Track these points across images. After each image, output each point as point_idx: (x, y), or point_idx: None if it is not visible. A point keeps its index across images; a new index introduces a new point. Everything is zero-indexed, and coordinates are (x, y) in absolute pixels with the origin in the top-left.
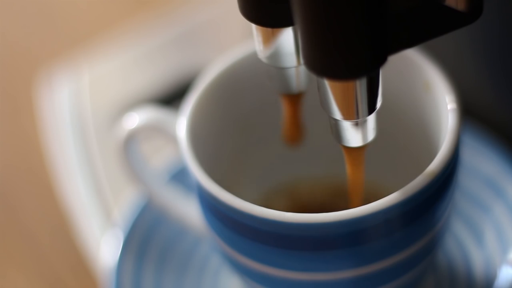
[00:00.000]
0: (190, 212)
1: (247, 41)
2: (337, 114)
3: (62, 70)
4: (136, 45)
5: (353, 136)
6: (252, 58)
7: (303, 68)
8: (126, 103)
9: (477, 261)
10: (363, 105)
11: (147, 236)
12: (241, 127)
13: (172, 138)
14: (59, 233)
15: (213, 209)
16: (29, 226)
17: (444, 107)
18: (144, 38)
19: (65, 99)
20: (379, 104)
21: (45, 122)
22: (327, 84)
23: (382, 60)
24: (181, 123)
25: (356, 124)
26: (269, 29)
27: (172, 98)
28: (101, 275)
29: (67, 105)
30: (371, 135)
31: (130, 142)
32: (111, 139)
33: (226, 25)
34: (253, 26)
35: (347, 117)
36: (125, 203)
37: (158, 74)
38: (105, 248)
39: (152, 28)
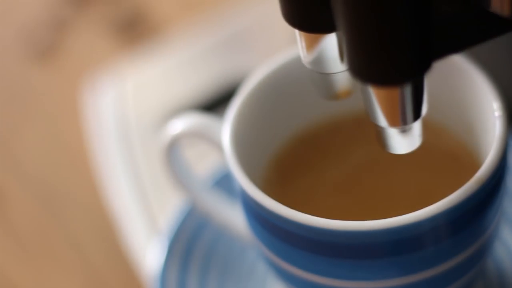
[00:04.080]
0: (234, 219)
1: (290, 46)
2: (382, 121)
3: (107, 75)
4: (180, 51)
5: (398, 143)
6: (296, 63)
7: (347, 74)
8: (169, 109)
9: None
10: (408, 112)
11: (191, 241)
12: (285, 133)
13: (216, 144)
14: (104, 238)
15: (258, 216)
16: (74, 231)
17: (491, 113)
18: (187, 43)
19: (109, 104)
20: (424, 110)
21: (89, 128)
22: (371, 90)
23: (427, 66)
24: (225, 129)
25: (402, 131)
26: (313, 35)
27: (215, 104)
28: (146, 281)
29: (111, 110)
30: (416, 142)
31: (174, 148)
32: (155, 145)
33: (270, 30)
34: (297, 31)
35: (392, 124)
36: (169, 208)
37: (201, 79)
38: (150, 254)
39: (196, 34)
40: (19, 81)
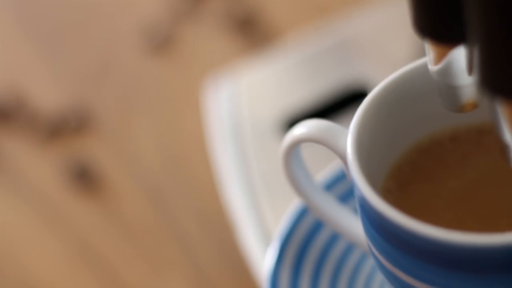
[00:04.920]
0: (351, 224)
1: (412, 54)
2: (509, 138)
3: (223, 73)
4: (296, 53)
5: None
6: (419, 72)
7: (474, 86)
8: (283, 112)
9: None
10: None
11: (304, 245)
12: (406, 142)
13: (336, 151)
14: (215, 239)
15: (377, 225)
16: (185, 232)
17: None
18: (304, 45)
19: (223, 103)
20: None
21: (204, 125)
22: (499, 105)
23: None
24: (348, 137)
25: None
26: (442, 46)
27: (328, 110)
28: (258, 285)
29: (225, 109)
30: None
31: (295, 152)
32: (269, 147)
33: (386, 37)
34: (426, 42)
35: None
36: (282, 211)
37: (316, 84)
38: (262, 258)
39: (312, 36)
40: (135, 74)
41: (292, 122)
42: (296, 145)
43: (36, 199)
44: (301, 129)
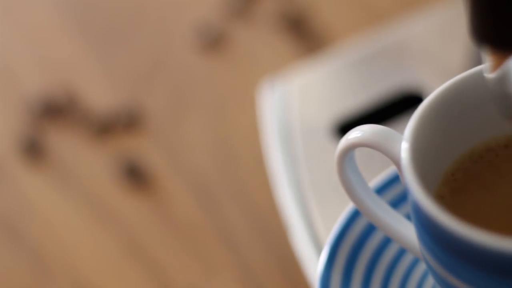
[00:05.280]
0: (404, 231)
1: (466, 59)
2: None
3: (274, 73)
4: (348, 56)
5: None
6: (475, 79)
7: None
8: (334, 116)
9: None
10: None
11: (355, 249)
12: (460, 149)
13: (391, 156)
14: (267, 241)
15: (432, 231)
16: (232, 232)
17: None
18: (356, 49)
19: (276, 106)
20: None
21: (258, 128)
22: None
23: None
24: (404, 143)
25: None
26: (499, 53)
27: (383, 114)
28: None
29: (277, 112)
30: None
31: (348, 157)
32: (320, 150)
33: (445, 40)
34: (482, 50)
35: None
36: (332, 214)
37: (372, 87)
38: (314, 261)
39: (364, 40)
40: (187, 73)
41: (344, 126)
42: (350, 149)
43: (87, 197)
44: (356, 133)
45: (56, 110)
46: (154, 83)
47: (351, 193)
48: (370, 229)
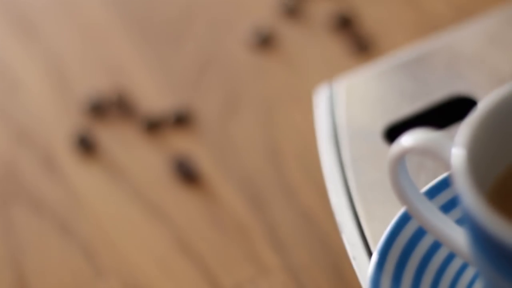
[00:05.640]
0: (454, 235)
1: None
2: None
3: (323, 74)
4: (401, 58)
5: None
6: None
7: None
8: (385, 119)
9: None
10: None
11: (405, 252)
12: None
13: (443, 163)
14: (316, 245)
15: (484, 239)
16: (285, 233)
17: None
18: (409, 52)
19: (325, 107)
20: None
21: (308, 130)
22: None
23: None
24: (457, 150)
25: None
26: None
27: (432, 118)
28: None
29: (326, 114)
30: None
31: (400, 162)
32: (368, 153)
33: (497, 46)
34: None
35: None
36: (379, 216)
37: (421, 91)
38: (363, 265)
39: (419, 42)
40: (238, 73)
41: (393, 129)
42: (403, 155)
43: (137, 193)
44: (408, 139)
45: (108, 107)
46: (205, 81)
47: (403, 197)
48: (420, 233)
